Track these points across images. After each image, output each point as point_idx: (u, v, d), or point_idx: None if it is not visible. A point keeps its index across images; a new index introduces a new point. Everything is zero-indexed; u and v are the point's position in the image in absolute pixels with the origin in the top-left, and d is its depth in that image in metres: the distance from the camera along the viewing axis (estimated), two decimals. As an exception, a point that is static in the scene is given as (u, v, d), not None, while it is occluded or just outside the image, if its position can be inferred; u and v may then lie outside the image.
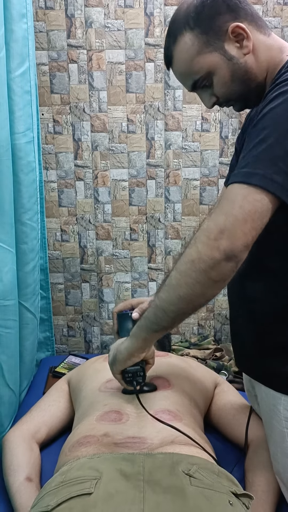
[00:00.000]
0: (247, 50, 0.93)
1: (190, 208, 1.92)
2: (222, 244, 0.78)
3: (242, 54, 0.93)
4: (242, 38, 0.92)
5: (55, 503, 0.86)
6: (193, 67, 0.95)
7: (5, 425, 1.42)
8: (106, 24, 1.74)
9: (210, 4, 0.92)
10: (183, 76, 0.98)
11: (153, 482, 0.88)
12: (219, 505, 0.85)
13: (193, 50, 0.93)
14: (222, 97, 0.98)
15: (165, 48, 0.99)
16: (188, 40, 0.93)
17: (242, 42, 0.92)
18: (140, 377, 1.07)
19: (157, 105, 1.81)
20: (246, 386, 1.23)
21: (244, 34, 0.92)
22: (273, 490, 1.09)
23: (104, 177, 1.88)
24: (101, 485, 0.87)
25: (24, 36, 1.42)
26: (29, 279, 1.57)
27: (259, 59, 0.94)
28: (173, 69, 0.99)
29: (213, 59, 0.93)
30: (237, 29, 0.91)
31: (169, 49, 0.97)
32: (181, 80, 1.00)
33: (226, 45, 0.93)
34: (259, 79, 0.95)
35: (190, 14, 0.93)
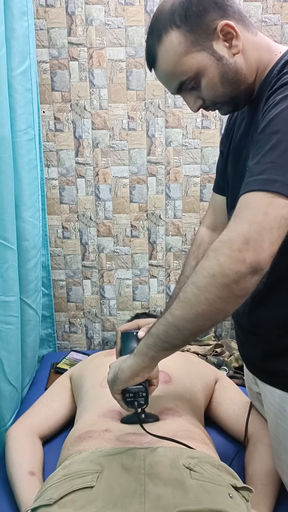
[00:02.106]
0: (237, 49, 0.88)
1: (191, 205, 1.93)
2: (248, 256, 0.71)
3: (232, 54, 0.88)
4: (231, 37, 0.88)
5: (57, 496, 0.87)
6: (180, 68, 0.89)
7: (7, 420, 1.43)
8: (107, 22, 1.75)
9: (197, 1, 0.87)
10: (168, 77, 0.92)
11: (154, 475, 0.89)
12: (219, 498, 0.86)
13: (180, 50, 0.88)
14: (209, 100, 0.93)
15: (148, 47, 0.93)
16: (174, 39, 0.88)
17: (231, 42, 0.88)
18: (143, 398, 0.95)
19: (157, 103, 1.82)
20: (247, 383, 1.23)
21: (234, 33, 0.87)
22: (273, 483, 1.10)
23: (105, 174, 1.89)
24: (102, 478, 0.89)
25: (24, 34, 1.43)
26: (30, 276, 1.58)
27: (249, 59, 0.90)
28: (156, 69, 0.93)
29: (201, 59, 0.88)
30: (226, 28, 0.87)
31: (152, 48, 0.91)
32: (166, 81, 0.94)
33: (214, 45, 0.88)
34: (248, 80, 0.91)
35: (176, 11, 0.87)
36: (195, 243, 1.22)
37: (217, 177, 1.19)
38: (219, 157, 1.18)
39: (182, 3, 0.87)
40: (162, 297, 2.04)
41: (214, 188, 1.21)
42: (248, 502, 0.95)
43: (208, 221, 1.23)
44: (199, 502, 0.84)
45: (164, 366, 1.30)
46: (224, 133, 1.14)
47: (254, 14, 1.74)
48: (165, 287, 2.03)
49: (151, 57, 0.92)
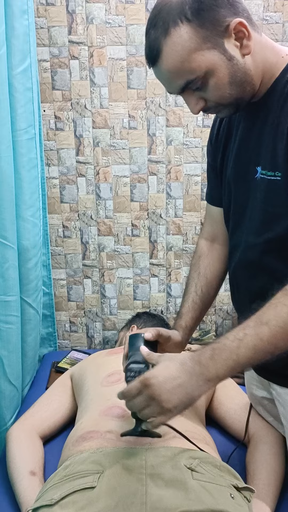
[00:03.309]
0: (248, 50, 0.84)
1: (192, 204, 1.93)
2: None
3: (242, 54, 0.84)
4: (243, 36, 0.83)
5: (58, 497, 0.87)
6: (188, 65, 0.83)
7: (7, 419, 1.43)
8: (107, 20, 1.74)
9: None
10: (174, 75, 0.86)
11: (156, 475, 0.89)
12: (221, 498, 0.86)
13: (190, 45, 0.82)
14: (213, 101, 0.89)
15: (151, 41, 0.85)
16: (184, 33, 0.82)
17: (242, 41, 0.83)
18: None
19: (158, 101, 1.81)
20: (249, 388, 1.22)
21: (246, 32, 0.83)
22: (274, 483, 1.10)
23: (105, 173, 1.89)
24: (104, 479, 0.88)
25: (25, 32, 1.42)
26: (31, 275, 1.58)
27: (256, 60, 0.86)
28: (159, 66, 0.86)
29: (212, 57, 0.83)
30: (239, 26, 0.82)
31: (156, 42, 0.84)
32: (169, 80, 0.87)
33: (226, 43, 0.83)
34: (255, 82, 0.88)
35: (188, 3, 0.81)
36: (195, 256, 1.20)
37: (210, 189, 1.17)
38: (208, 169, 1.15)
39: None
40: (163, 296, 2.03)
41: (208, 200, 1.19)
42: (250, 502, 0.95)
43: (207, 233, 1.21)
44: (200, 502, 0.84)
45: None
46: (210, 144, 1.10)
47: (255, 12, 1.73)
48: (165, 286, 2.02)
49: (154, 52, 0.85)
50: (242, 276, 1.03)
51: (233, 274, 1.07)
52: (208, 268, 1.17)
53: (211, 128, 1.11)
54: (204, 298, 1.15)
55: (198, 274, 1.17)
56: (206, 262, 1.18)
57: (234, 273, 1.06)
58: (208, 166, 1.15)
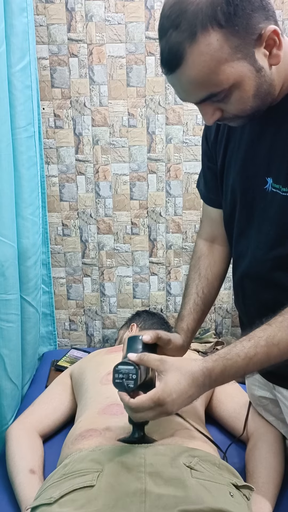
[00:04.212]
0: (277, 60, 0.76)
1: (191, 202, 1.92)
2: None
3: (269, 64, 0.76)
4: (274, 45, 0.75)
5: (58, 495, 0.87)
6: (215, 77, 0.75)
7: (8, 418, 1.43)
8: (107, 18, 1.74)
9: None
10: (197, 86, 0.77)
11: (155, 474, 0.89)
12: (220, 497, 0.86)
13: (220, 56, 0.73)
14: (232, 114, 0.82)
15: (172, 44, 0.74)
16: (214, 41, 0.72)
17: (272, 50, 0.75)
18: (132, 381, 0.86)
19: (157, 99, 1.81)
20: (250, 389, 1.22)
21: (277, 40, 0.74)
22: (274, 481, 1.10)
23: (105, 172, 1.89)
24: (103, 477, 0.88)
25: (24, 30, 1.42)
26: (30, 274, 1.57)
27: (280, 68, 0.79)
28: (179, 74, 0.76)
29: (241, 69, 0.74)
30: (272, 34, 0.74)
31: (180, 48, 0.73)
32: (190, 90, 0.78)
33: (256, 53, 0.75)
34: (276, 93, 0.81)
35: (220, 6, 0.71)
36: (195, 257, 1.18)
37: (207, 190, 1.12)
38: (203, 168, 1.10)
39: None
40: (163, 294, 2.03)
41: (206, 201, 1.15)
42: (249, 500, 0.95)
43: (205, 233, 1.18)
44: (200, 501, 0.84)
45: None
46: (207, 144, 1.04)
47: (255, 10, 1.73)
48: (165, 284, 2.02)
49: (176, 59, 0.74)
50: (250, 288, 1.00)
51: (239, 284, 1.04)
52: (209, 269, 1.15)
53: (206, 126, 1.05)
54: (205, 300, 1.14)
55: (199, 276, 1.15)
56: (207, 263, 1.16)
57: (241, 284, 1.03)
58: (204, 166, 1.11)
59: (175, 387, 0.82)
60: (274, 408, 1.15)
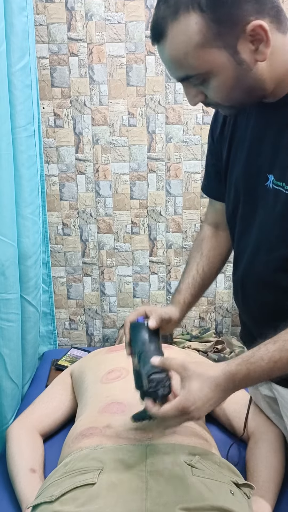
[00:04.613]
0: (262, 57, 0.74)
1: (191, 202, 1.92)
2: None
3: (255, 60, 0.74)
4: (261, 41, 0.72)
5: (59, 493, 0.87)
6: (191, 60, 0.74)
7: (8, 417, 1.43)
8: (107, 17, 1.74)
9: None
10: (174, 64, 0.77)
11: (155, 472, 0.89)
12: (221, 495, 0.87)
13: (197, 40, 0.72)
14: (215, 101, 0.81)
15: (158, 18, 0.75)
16: (193, 24, 0.71)
17: (259, 46, 0.73)
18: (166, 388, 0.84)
19: (157, 98, 1.81)
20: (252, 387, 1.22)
21: (264, 37, 0.72)
22: (274, 480, 1.10)
23: (105, 171, 1.89)
24: (104, 475, 0.89)
25: (24, 29, 1.42)
26: (31, 273, 1.57)
27: (274, 65, 0.76)
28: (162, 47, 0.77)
29: (219, 58, 0.73)
30: (258, 29, 0.71)
31: (163, 22, 0.74)
32: (168, 66, 0.79)
33: (239, 45, 0.73)
34: (267, 87, 0.78)
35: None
36: (198, 238, 1.19)
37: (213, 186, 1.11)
38: (208, 164, 1.09)
39: None
40: (163, 293, 2.03)
41: (211, 195, 1.14)
42: (250, 498, 0.95)
43: (210, 219, 1.18)
44: (200, 499, 0.84)
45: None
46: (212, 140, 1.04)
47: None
48: (165, 283, 2.02)
49: (158, 31, 0.75)
50: (250, 288, 0.99)
51: (239, 283, 1.03)
52: (212, 251, 1.16)
53: (213, 122, 1.03)
54: (204, 277, 1.14)
55: (201, 255, 1.16)
56: (210, 245, 1.17)
57: (241, 283, 1.01)
58: (208, 161, 1.10)
59: (198, 394, 0.80)
60: (275, 405, 1.16)
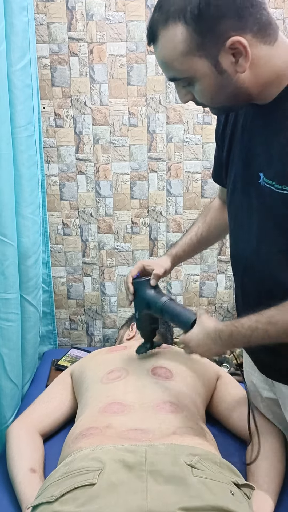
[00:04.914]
0: (242, 69, 0.81)
1: (192, 201, 1.92)
2: None
3: (235, 70, 0.81)
4: (240, 54, 0.80)
5: (59, 494, 0.87)
6: (177, 65, 0.83)
7: (8, 417, 1.43)
8: (107, 17, 1.73)
9: (217, 3, 0.77)
10: (164, 65, 0.86)
11: (156, 472, 0.89)
12: (221, 495, 0.86)
13: (182, 48, 0.81)
14: (201, 102, 0.89)
15: (153, 21, 0.84)
16: (179, 34, 0.80)
17: (239, 59, 0.80)
18: None
19: (158, 98, 1.81)
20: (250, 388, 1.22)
21: (243, 51, 0.79)
22: (275, 480, 1.10)
23: (105, 171, 1.88)
24: (104, 475, 0.88)
25: (24, 29, 1.42)
26: (31, 273, 1.57)
27: (257, 74, 0.83)
28: (155, 49, 0.86)
29: (201, 66, 0.82)
30: (237, 44, 0.78)
31: (155, 27, 0.83)
32: (160, 65, 0.88)
33: (220, 56, 0.80)
34: (251, 93, 0.85)
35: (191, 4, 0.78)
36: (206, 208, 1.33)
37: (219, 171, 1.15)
38: (218, 153, 1.13)
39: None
40: (163, 293, 2.03)
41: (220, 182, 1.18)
42: (250, 499, 0.95)
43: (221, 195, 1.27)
44: (200, 499, 0.84)
45: (165, 362, 1.31)
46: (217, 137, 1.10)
47: (255, 8, 1.72)
48: (166, 283, 2.02)
49: (152, 34, 0.85)
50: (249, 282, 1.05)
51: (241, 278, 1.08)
52: (214, 221, 1.28)
53: (217, 120, 1.09)
54: (201, 241, 1.29)
55: (204, 222, 1.29)
56: (214, 215, 1.28)
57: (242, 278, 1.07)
58: (215, 153, 1.16)
59: (193, 336, 1.06)
60: (273, 405, 1.16)
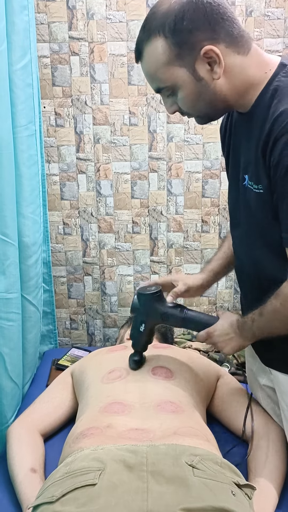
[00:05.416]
0: (217, 76, 0.90)
1: (192, 201, 1.92)
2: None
3: (212, 78, 0.90)
4: (215, 62, 0.89)
5: (59, 494, 0.87)
6: (160, 75, 0.92)
7: (9, 417, 1.43)
8: (108, 16, 1.73)
9: (191, 17, 0.87)
10: (149, 78, 0.96)
11: (157, 473, 0.89)
12: (222, 496, 0.86)
13: (163, 59, 0.90)
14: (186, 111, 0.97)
15: (138, 41, 0.94)
16: (159, 46, 0.90)
17: (214, 66, 0.89)
18: None
19: (159, 98, 1.80)
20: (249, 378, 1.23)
21: (217, 59, 0.88)
22: (276, 480, 1.10)
23: (106, 170, 1.88)
24: (105, 476, 0.88)
25: (25, 28, 1.42)
26: (31, 273, 1.57)
27: (232, 81, 0.92)
28: (141, 65, 0.96)
29: (180, 74, 0.91)
30: (211, 53, 0.88)
31: (140, 44, 0.93)
32: (147, 79, 0.97)
33: (196, 65, 0.89)
34: (229, 100, 0.94)
35: (168, 20, 0.88)
36: None
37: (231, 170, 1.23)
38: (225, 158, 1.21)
39: (175, 13, 0.87)
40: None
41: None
42: (251, 499, 0.94)
43: None
44: (202, 499, 0.84)
45: (165, 362, 1.30)
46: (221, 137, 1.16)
47: (257, 8, 1.72)
48: (166, 283, 2.02)
49: (138, 51, 0.95)
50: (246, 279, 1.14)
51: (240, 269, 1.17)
52: None
53: (220, 125, 1.15)
54: None
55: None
56: None
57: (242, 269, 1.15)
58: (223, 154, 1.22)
59: (218, 326, 1.14)
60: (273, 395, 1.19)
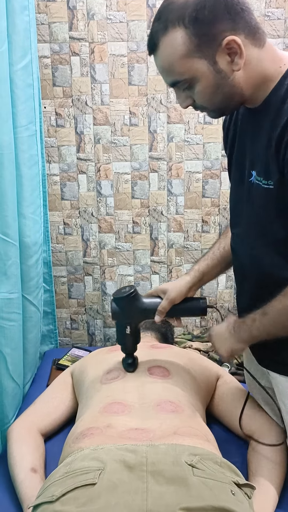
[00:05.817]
0: (238, 67, 0.88)
1: (193, 201, 1.92)
2: None
3: (232, 70, 0.89)
4: (235, 53, 0.87)
5: (59, 493, 0.87)
6: (177, 67, 0.89)
7: (10, 417, 1.43)
8: (108, 16, 1.73)
9: (212, 7, 0.85)
10: (165, 71, 0.93)
11: (156, 472, 0.89)
12: (222, 495, 0.86)
13: (182, 51, 0.87)
14: (201, 105, 0.95)
15: (152, 32, 0.91)
16: (179, 37, 0.87)
17: (234, 58, 0.87)
18: None
19: (159, 98, 1.81)
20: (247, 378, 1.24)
21: (238, 50, 0.86)
22: (276, 480, 1.10)
23: (106, 170, 1.88)
24: (105, 475, 0.88)
25: (26, 28, 1.42)
26: (32, 273, 1.57)
27: (249, 74, 0.90)
28: (156, 57, 0.93)
29: (200, 66, 0.88)
30: (233, 43, 0.86)
31: (156, 35, 0.90)
32: (161, 72, 0.94)
33: (217, 56, 0.87)
34: (244, 94, 0.93)
35: (189, 9, 0.85)
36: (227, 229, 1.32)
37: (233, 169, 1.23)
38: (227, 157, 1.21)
39: (196, 3, 0.85)
40: (164, 293, 2.03)
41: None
42: (251, 499, 0.95)
43: None
44: (201, 499, 0.84)
45: (162, 361, 1.31)
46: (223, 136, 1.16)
47: (257, 8, 1.73)
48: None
49: (152, 43, 0.91)
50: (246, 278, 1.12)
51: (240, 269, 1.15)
52: None
53: (223, 123, 1.15)
54: (224, 254, 1.26)
55: (225, 238, 1.27)
56: None
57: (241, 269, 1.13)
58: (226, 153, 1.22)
59: (217, 328, 1.15)
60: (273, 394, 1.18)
